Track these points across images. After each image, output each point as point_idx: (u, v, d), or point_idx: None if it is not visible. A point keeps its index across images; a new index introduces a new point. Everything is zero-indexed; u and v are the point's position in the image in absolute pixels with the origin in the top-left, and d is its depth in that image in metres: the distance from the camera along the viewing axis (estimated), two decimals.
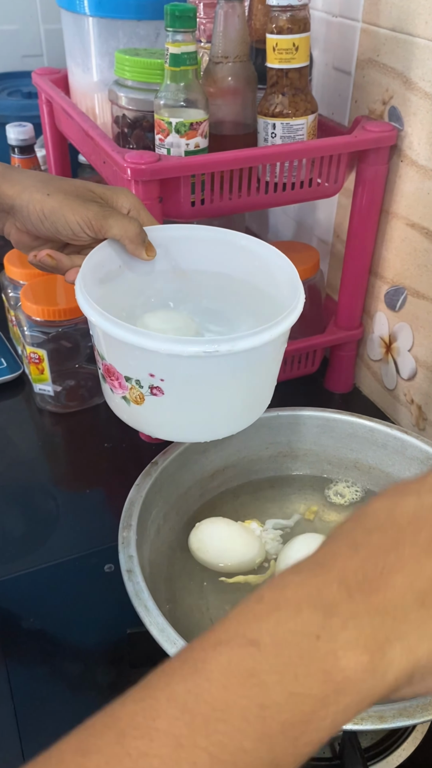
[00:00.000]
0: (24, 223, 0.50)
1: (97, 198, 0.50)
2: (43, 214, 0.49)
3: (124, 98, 0.65)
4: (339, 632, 0.24)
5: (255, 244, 0.53)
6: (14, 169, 0.51)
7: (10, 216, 0.51)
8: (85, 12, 0.69)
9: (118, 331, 0.43)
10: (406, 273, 0.69)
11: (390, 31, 0.63)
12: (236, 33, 0.61)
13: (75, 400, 0.78)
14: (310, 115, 0.64)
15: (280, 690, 0.23)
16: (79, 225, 0.48)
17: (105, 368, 0.47)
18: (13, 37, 1.20)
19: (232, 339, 0.42)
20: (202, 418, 0.48)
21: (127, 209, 0.51)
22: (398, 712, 0.36)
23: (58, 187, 0.49)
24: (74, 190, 0.50)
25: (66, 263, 0.50)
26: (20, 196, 0.49)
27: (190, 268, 0.55)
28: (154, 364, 0.43)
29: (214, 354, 0.42)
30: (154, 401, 0.45)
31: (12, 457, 0.73)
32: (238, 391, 0.47)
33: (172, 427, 0.48)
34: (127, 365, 0.45)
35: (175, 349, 0.42)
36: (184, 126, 0.58)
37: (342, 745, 0.45)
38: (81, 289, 0.46)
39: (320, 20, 0.73)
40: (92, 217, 0.48)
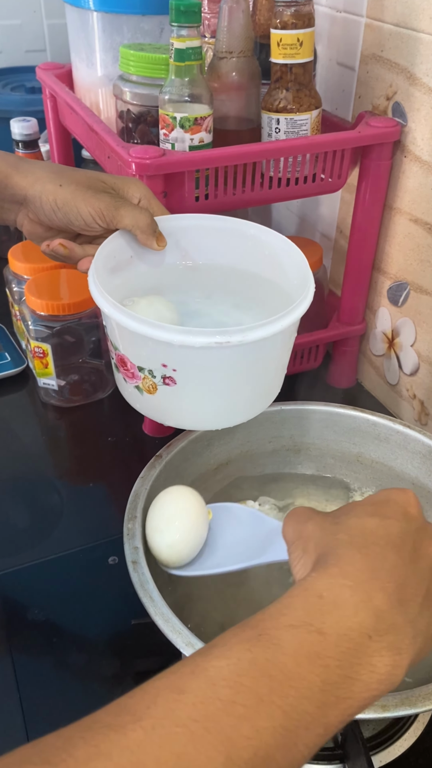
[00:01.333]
0: (37, 214, 0.51)
1: (109, 188, 0.51)
2: (56, 205, 0.49)
3: (128, 93, 0.65)
4: (384, 636, 0.30)
5: (265, 233, 0.54)
6: (26, 161, 0.52)
7: (23, 207, 0.52)
8: (89, 7, 0.69)
9: (131, 322, 0.43)
10: (409, 268, 0.69)
11: (394, 26, 0.63)
12: (240, 28, 0.61)
13: (79, 395, 0.78)
14: (314, 110, 0.64)
15: (338, 672, 0.28)
16: (91, 215, 0.49)
17: (118, 358, 0.48)
18: (17, 32, 1.20)
19: (243, 330, 0.43)
20: (213, 406, 0.49)
21: (138, 199, 0.51)
22: (400, 702, 0.36)
23: (71, 177, 0.50)
24: (86, 181, 0.50)
25: (78, 252, 0.51)
26: (33, 187, 0.50)
27: (200, 258, 0.56)
28: (167, 355, 0.44)
29: (226, 345, 0.43)
30: (167, 390, 0.46)
31: (16, 451, 0.73)
32: (249, 380, 0.48)
33: (184, 415, 0.49)
34: (140, 356, 0.46)
35: (187, 340, 0.42)
36: (189, 121, 0.59)
37: (344, 735, 0.45)
38: (94, 280, 0.47)
39: (324, 15, 0.73)
40: (104, 207, 0.49)
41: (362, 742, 0.42)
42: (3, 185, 0.51)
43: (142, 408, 0.50)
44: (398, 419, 0.59)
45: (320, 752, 0.46)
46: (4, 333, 0.88)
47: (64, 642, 0.54)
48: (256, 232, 0.54)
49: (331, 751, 0.46)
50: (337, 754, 0.46)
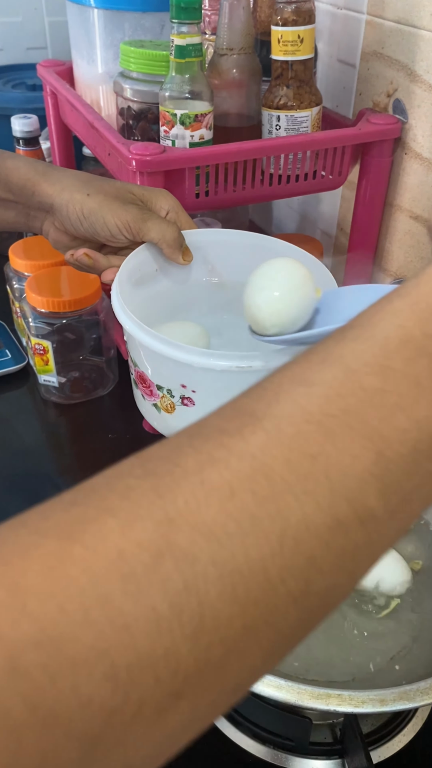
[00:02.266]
0: (63, 223, 0.50)
1: (137, 200, 0.50)
2: (83, 215, 0.49)
3: (129, 90, 0.65)
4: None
5: (292, 251, 0.53)
6: (55, 168, 0.52)
7: (49, 215, 0.52)
8: (90, 4, 0.69)
9: (152, 341, 0.43)
10: (409, 265, 0.69)
11: (395, 23, 0.63)
12: (241, 25, 0.61)
13: (79, 392, 0.79)
14: (314, 107, 0.64)
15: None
16: (117, 227, 0.49)
17: (137, 375, 0.48)
18: (18, 29, 1.20)
19: (266, 355, 0.42)
20: None
21: (166, 211, 0.51)
22: (398, 696, 0.36)
23: (98, 188, 0.50)
24: (114, 192, 0.50)
25: (103, 263, 0.50)
26: (60, 196, 0.49)
27: (226, 274, 0.55)
28: (187, 376, 0.44)
29: (247, 369, 0.42)
30: (185, 411, 0.46)
31: (16, 448, 0.74)
32: None
33: None
34: (159, 374, 0.45)
35: (208, 363, 0.42)
36: (189, 118, 0.59)
37: (343, 731, 0.46)
38: (117, 296, 0.46)
39: (325, 12, 0.73)
40: (131, 219, 0.48)
41: (361, 738, 0.42)
42: (30, 192, 0.50)
43: (158, 426, 0.49)
44: None
45: (319, 747, 0.46)
46: (5, 330, 0.88)
47: None
48: (283, 250, 0.53)
49: (330, 746, 0.46)
50: (336, 749, 0.46)
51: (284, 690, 0.37)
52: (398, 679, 0.45)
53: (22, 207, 0.52)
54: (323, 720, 0.46)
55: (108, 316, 0.76)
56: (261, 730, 0.47)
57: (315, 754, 0.46)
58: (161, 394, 0.46)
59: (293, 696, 0.37)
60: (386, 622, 0.50)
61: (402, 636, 0.49)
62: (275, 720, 0.45)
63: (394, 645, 0.49)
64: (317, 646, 0.48)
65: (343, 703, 0.36)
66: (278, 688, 0.37)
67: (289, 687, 0.37)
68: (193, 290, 0.54)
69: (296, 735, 0.45)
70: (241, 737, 0.47)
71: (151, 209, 0.51)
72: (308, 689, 0.37)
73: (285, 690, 0.37)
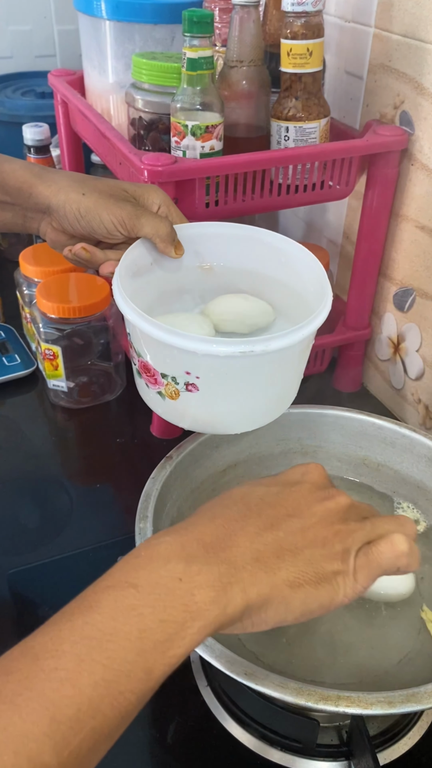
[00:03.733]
0: (60, 223, 0.52)
1: (130, 197, 0.52)
2: (79, 214, 0.50)
3: (140, 101, 0.66)
4: (195, 576, 0.32)
5: (281, 242, 0.55)
6: (50, 170, 0.53)
7: (47, 216, 0.53)
8: (102, 15, 0.70)
9: (156, 331, 0.44)
10: (415, 274, 0.70)
11: (402, 36, 0.65)
12: (251, 38, 0.62)
13: (87, 396, 0.80)
14: (322, 118, 0.65)
15: (152, 618, 0.30)
16: (113, 224, 0.50)
17: (141, 365, 0.49)
18: (27, 37, 1.22)
19: (266, 340, 0.44)
20: (233, 412, 0.50)
21: (158, 206, 0.53)
22: (407, 698, 0.37)
23: (93, 186, 0.51)
24: (108, 190, 0.51)
25: (100, 256, 0.52)
26: (56, 196, 0.51)
27: (218, 265, 0.57)
28: (191, 363, 0.45)
29: (249, 354, 0.43)
30: (189, 397, 0.47)
31: (26, 452, 0.74)
32: (269, 386, 0.49)
33: (204, 420, 0.50)
34: (164, 363, 0.47)
35: (212, 350, 0.43)
36: (200, 129, 0.60)
37: (350, 733, 0.46)
38: (119, 289, 0.48)
39: (333, 25, 0.74)
40: (125, 216, 0.50)
41: (368, 740, 0.43)
42: (27, 194, 0.52)
43: (163, 413, 0.51)
44: (404, 423, 0.59)
45: (326, 749, 0.47)
46: (15, 335, 0.89)
47: None
48: (273, 240, 0.55)
49: (336, 748, 0.47)
50: (343, 751, 0.46)
51: (292, 692, 0.38)
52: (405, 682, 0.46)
53: (19, 209, 0.54)
54: (330, 722, 0.47)
55: (116, 322, 0.77)
56: (268, 732, 0.47)
57: (322, 756, 0.46)
58: (166, 382, 0.47)
59: (302, 698, 0.37)
60: (393, 625, 0.50)
61: (409, 639, 0.50)
62: (282, 721, 0.46)
63: (401, 648, 0.49)
64: (324, 649, 0.49)
65: (352, 705, 0.37)
66: (286, 690, 0.38)
67: (298, 689, 0.38)
68: (186, 279, 0.56)
69: (303, 737, 0.46)
70: (248, 738, 0.48)
71: (143, 205, 0.53)
72: (317, 691, 0.38)
73: (293, 692, 0.38)
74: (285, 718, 0.45)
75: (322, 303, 0.48)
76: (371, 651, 0.49)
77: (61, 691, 0.27)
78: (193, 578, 0.32)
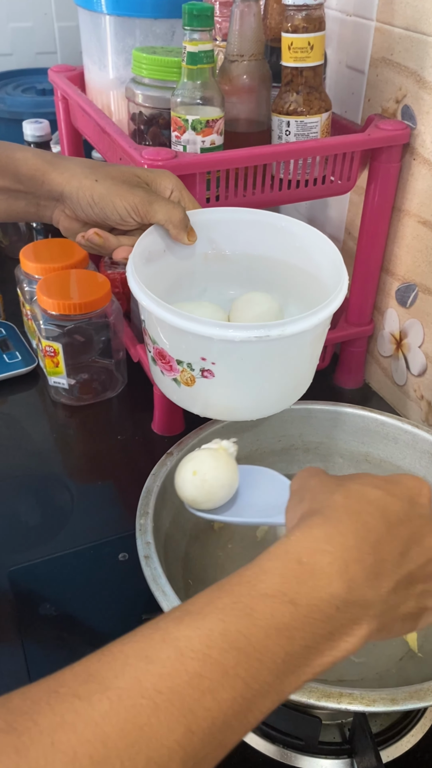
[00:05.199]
0: (74, 210, 0.52)
1: (142, 183, 0.52)
2: (93, 200, 0.50)
3: (140, 96, 0.66)
4: (351, 608, 0.30)
5: (296, 226, 0.54)
6: (62, 157, 0.53)
7: (59, 203, 0.53)
8: (102, 10, 0.70)
9: (172, 317, 0.44)
10: (417, 270, 0.70)
11: (404, 30, 0.64)
12: (252, 32, 0.62)
13: (88, 394, 0.79)
14: (323, 113, 0.64)
15: (300, 644, 0.29)
16: (126, 210, 0.50)
17: (156, 352, 0.49)
18: (28, 34, 1.22)
19: (282, 324, 0.44)
20: (249, 398, 0.50)
21: (170, 190, 0.52)
22: (409, 695, 0.37)
23: (106, 173, 0.51)
24: (121, 176, 0.51)
25: (113, 242, 0.52)
26: (69, 183, 0.51)
27: (231, 250, 0.56)
28: (207, 349, 0.45)
29: (265, 339, 0.43)
30: (205, 383, 0.47)
31: (27, 449, 0.74)
32: (285, 372, 0.49)
33: (220, 407, 0.50)
34: (179, 349, 0.47)
35: (227, 335, 0.43)
36: (201, 123, 0.59)
37: (352, 731, 0.46)
38: (133, 276, 0.48)
39: (334, 19, 0.74)
40: (138, 202, 0.50)
41: (371, 737, 0.43)
42: (40, 182, 0.51)
43: (178, 400, 0.51)
44: (407, 419, 0.59)
45: (329, 747, 0.46)
46: (15, 332, 0.88)
47: (75, 635, 0.55)
48: (288, 225, 0.55)
49: (339, 746, 0.46)
50: (346, 749, 0.46)
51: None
52: (408, 679, 0.45)
53: (32, 197, 0.53)
54: (332, 720, 0.47)
55: (117, 318, 0.77)
56: (270, 729, 0.47)
57: (324, 754, 0.46)
58: (181, 369, 0.47)
59: (304, 695, 0.37)
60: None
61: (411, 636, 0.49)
62: (285, 719, 0.46)
63: (403, 645, 0.49)
64: None
65: (354, 702, 0.37)
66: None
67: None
68: (199, 265, 0.56)
69: (306, 734, 0.45)
70: (250, 736, 0.48)
71: (156, 190, 0.52)
72: (319, 688, 0.37)
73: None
74: (287, 715, 0.44)
75: (338, 287, 0.47)
76: (374, 648, 0.49)
77: (202, 701, 0.26)
78: (349, 610, 0.30)
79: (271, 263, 0.56)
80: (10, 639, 0.54)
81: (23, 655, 0.53)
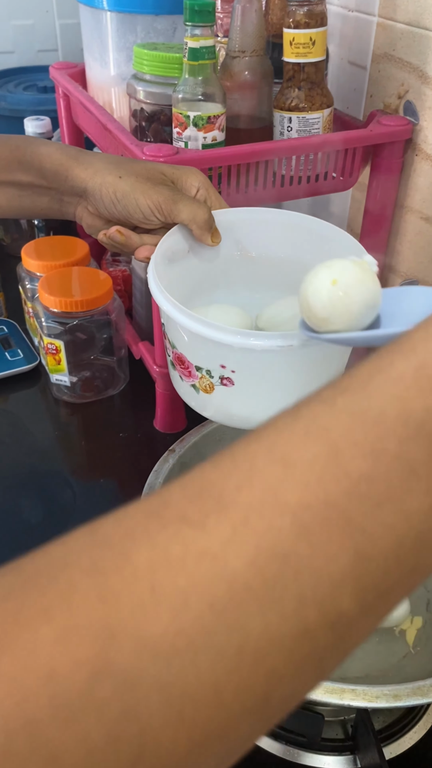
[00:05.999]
0: (97, 206, 0.51)
1: (168, 181, 0.51)
2: (116, 197, 0.49)
3: (142, 92, 0.66)
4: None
5: (329, 230, 0.53)
6: (86, 152, 0.52)
7: (83, 199, 0.52)
8: (103, 7, 0.70)
9: (192, 323, 0.43)
10: (420, 266, 0.70)
11: (406, 25, 0.64)
12: (253, 27, 0.62)
13: (90, 391, 0.79)
14: (325, 109, 0.64)
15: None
16: (149, 208, 0.49)
17: (175, 356, 0.48)
18: (29, 31, 1.21)
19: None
20: (269, 408, 0.47)
21: (197, 188, 0.51)
22: (412, 691, 0.37)
23: (130, 169, 0.50)
24: (145, 173, 0.50)
25: (135, 240, 0.50)
26: (93, 179, 0.50)
27: (258, 252, 0.55)
28: (227, 357, 0.43)
29: (288, 349, 0.41)
30: (224, 391, 0.45)
31: (29, 447, 0.74)
32: (310, 382, 0.47)
33: (239, 416, 0.48)
34: (198, 356, 0.45)
35: (248, 344, 0.41)
36: (202, 119, 0.59)
37: (355, 727, 0.46)
38: (154, 278, 0.46)
39: (336, 14, 0.74)
40: (162, 201, 0.49)
41: (373, 734, 0.43)
42: (64, 177, 0.51)
43: (196, 406, 0.49)
44: None
45: (331, 743, 0.46)
46: (17, 330, 0.88)
47: None
48: (319, 228, 0.53)
49: (342, 742, 0.46)
50: (348, 745, 0.46)
51: None
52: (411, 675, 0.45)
53: (55, 193, 0.53)
54: (335, 716, 0.47)
55: (119, 316, 0.77)
56: (273, 726, 0.47)
57: (327, 750, 0.46)
58: (200, 375, 0.46)
59: None
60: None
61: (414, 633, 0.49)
62: (287, 716, 0.45)
63: (405, 642, 0.49)
64: None
65: (357, 698, 0.37)
66: None
67: None
68: (224, 267, 0.54)
69: (308, 731, 0.45)
70: None
71: (181, 188, 0.51)
72: (321, 684, 0.37)
73: None
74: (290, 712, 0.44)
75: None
76: (377, 644, 0.48)
77: (377, 515, 0.18)
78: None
79: (299, 266, 0.54)
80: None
81: None
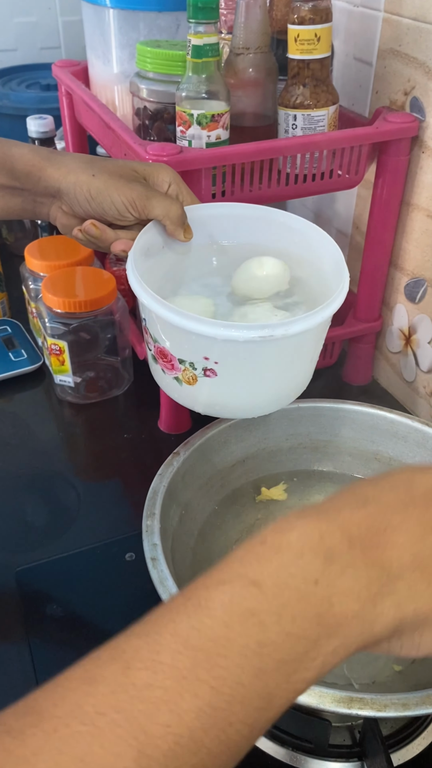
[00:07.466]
0: (71, 206, 0.51)
1: (140, 177, 0.51)
2: (90, 195, 0.49)
3: (145, 90, 0.65)
4: (336, 579, 0.25)
5: (297, 222, 0.54)
6: (58, 153, 0.52)
7: (56, 200, 0.52)
8: (106, 4, 0.69)
9: (174, 317, 0.44)
10: (426, 265, 0.69)
11: (412, 20, 0.63)
12: (257, 24, 0.61)
13: (94, 392, 0.79)
14: (331, 106, 0.63)
15: (277, 630, 0.24)
16: (123, 205, 0.49)
17: (158, 350, 0.48)
18: (32, 29, 1.21)
19: (286, 324, 0.44)
20: (251, 396, 0.49)
21: (168, 184, 0.52)
22: (421, 700, 0.36)
23: (102, 167, 0.50)
24: (118, 170, 0.51)
25: (110, 234, 0.51)
26: (66, 179, 0.50)
27: (230, 245, 0.56)
28: (210, 349, 0.45)
29: (269, 338, 0.43)
30: (207, 382, 0.47)
31: (33, 448, 0.74)
32: (287, 370, 0.49)
33: (222, 405, 0.49)
34: (181, 349, 0.46)
35: (231, 335, 0.43)
36: (206, 118, 0.59)
37: (363, 733, 0.45)
38: (134, 274, 0.47)
39: (341, 10, 0.73)
40: (136, 197, 0.49)
41: (381, 740, 0.42)
42: (36, 178, 0.51)
43: (179, 398, 0.51)
44: (417, 417, 0.58)
45: (338, 750, 0.46)
46: (21, 330, 0.88)
47: (81, 636, 0.54)
48: (287, 220, 0.54)
49: (349, 748, 0.46)
50: (356, 752, 0.46)
51: (306, 693, 0.37)
52: (419, 682, 0.45)
53: (29, 194, 0.53)
54: (342, 722, 0.46)
55: (123, 316, 0.76)
56: (280, 732, 0.47)
57: (334, 756, 0.46)
58: (183, 368, 0.47)
59: (314, 699, 0.37)
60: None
61: None
62: (294, 722, 0.45)
63: None
64: None
65: (365, 707, 0.36)
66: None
67: (311, 690, 0.37)
68: (198, 259, 0.55)
69: (315, 737, 0.45)
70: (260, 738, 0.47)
71: (153, 184, 0.52)
72: (330, 693, 0.37)
73: (306, 693, 0.37)
74: (297, 718, 0.44)
75: (340, 285, 0.47)
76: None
77: (156, 717, 0.22)
78: (334, 582, 0.25)
79: (269, 254, 0.55)
80: (18, 639, 0.54)
81: (30, 656, 0.52)
